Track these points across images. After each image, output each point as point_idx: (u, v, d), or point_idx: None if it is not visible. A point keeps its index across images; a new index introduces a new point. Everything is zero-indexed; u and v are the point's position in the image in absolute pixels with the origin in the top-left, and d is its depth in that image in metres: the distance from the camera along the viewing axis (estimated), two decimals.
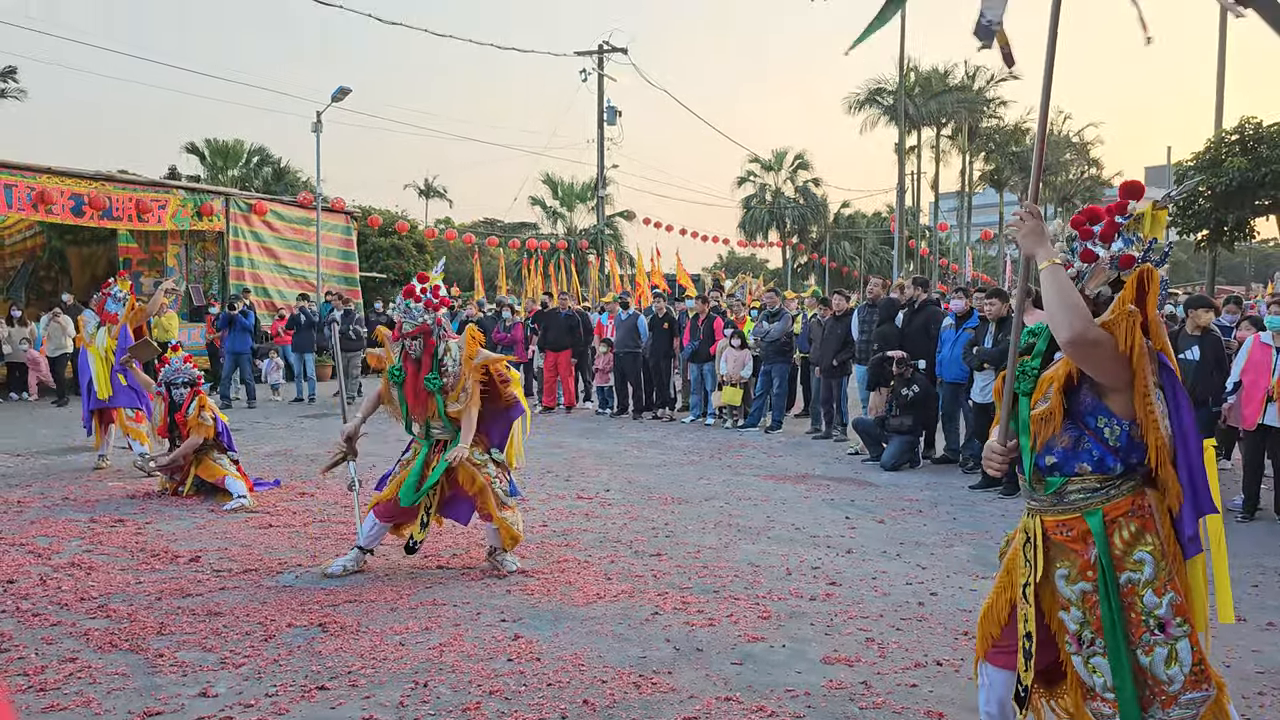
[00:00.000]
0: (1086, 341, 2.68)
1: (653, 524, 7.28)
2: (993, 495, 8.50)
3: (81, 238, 20.05)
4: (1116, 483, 2.77)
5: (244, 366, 15.52)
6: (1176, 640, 2.68)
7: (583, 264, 35.64)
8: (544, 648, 4.58)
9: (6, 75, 38.41)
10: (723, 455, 10.76)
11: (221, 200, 19.53)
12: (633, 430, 12.91)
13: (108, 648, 4.52)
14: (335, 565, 5.82)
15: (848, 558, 6.37)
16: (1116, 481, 2.77)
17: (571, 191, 45.67)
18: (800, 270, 58.35)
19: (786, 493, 8.60)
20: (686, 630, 4.85)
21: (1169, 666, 2.68)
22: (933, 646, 4.67)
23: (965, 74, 47.31)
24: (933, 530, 7.21)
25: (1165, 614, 2.69)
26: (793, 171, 54.51)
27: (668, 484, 8.97)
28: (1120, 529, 2.76)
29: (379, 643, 4.61)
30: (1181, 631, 2.68)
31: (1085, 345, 2.69)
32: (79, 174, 16.84)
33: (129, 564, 6.01)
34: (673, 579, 5.78)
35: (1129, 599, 2.73)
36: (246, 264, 19.77)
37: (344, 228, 22.62)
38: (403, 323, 5.75)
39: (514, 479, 6.08)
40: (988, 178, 55.09)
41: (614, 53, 32.24)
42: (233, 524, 7.15)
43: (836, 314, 11.83)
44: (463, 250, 41.90)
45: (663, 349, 13.99)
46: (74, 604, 5.18)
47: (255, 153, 40.33)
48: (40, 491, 8.27)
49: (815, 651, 4.59)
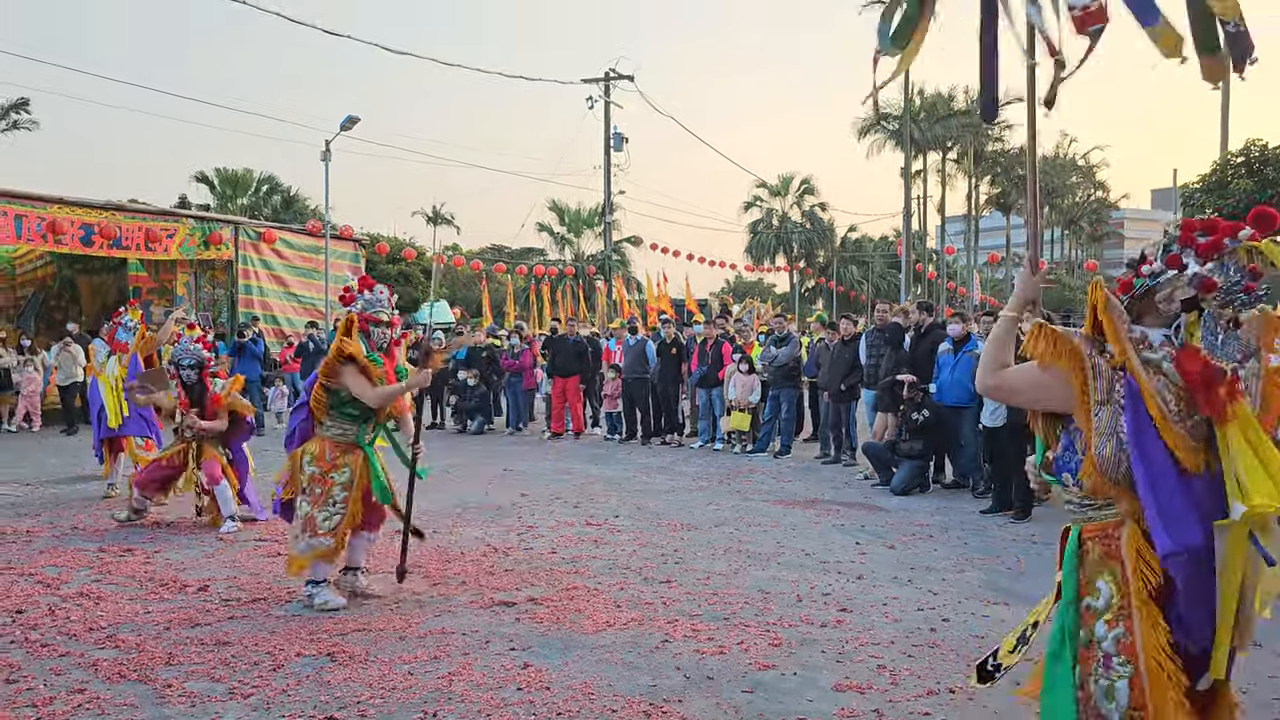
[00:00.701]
0: (989, 389, 2.90)
1: (662, 550, 7.25)
2: (1004, 520, 8.45)
3: (92, 267, 20.15)
4: (1096, 504, 2.74)
5: (253, 393, 15.54)
6: (1115, 680, 2.63)
7: (590, 290, 35.75)
8: (553, 676, 4.55)
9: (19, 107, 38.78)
10: (732, 480, 10.73)
11: (231, 229, 19.62)
12: (641, 456, 12.89)
13: (116, 678, 4.51)
14: (334, 600, 5.71)
15: (858, 583, 6.33)
16: (1096, 503, 2.74)
17: (579, 217, 45.85)
18: (808, 294, 58.40)
19: (796, 518, 8.57)
20: (697, 658, 4.82)
21: (1107, 701, 2.64)
22: (945, 674, 4.63)
23: (969, 98, 47.50)
24: (944, 555, 7.17)
25: (1109, 648, 2.65)
26: (799, 196, 54.68)
27: (677, 510, 8.94)
28: (1090, 551, 2.74)
29: (388, 672, 4.59)
30: (1124, 671, 2.61)
31: (991, 392, 2.91)
32: (89, 204, 16.93)
33: (138, 593, 6.00)
34: (683, 606, 5.75)
35: (1086, 623, 2.71)
36: (255, 292, 19.83)
37: (352, 255, 22.71)
38: (377, 314, 5.82)
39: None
40: (994, 201, 55.25)
41: (620, 80, 32.46)
42: (241, 552, 7.14)
43: (844, 338, 11.82)
44: (470, 276, 42.07)
45: (671, 374, 13.99)
46: (82, 634, 5.17)
47: (264, 181, 40.67)
48: (49, 521, 8.28)
49: (827, 679, 4.55)
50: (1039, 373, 2.75)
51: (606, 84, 32.54)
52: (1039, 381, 2.76)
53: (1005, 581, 6.43)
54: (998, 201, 54.90)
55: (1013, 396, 2.90)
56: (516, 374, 15.83)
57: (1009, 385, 2.83)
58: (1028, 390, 2.79)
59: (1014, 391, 2.84)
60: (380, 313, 5.83)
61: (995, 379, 2.83)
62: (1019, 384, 2.81)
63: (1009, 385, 2.83)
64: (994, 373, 2.84)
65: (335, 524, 5.64)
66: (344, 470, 5.72)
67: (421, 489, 6.24)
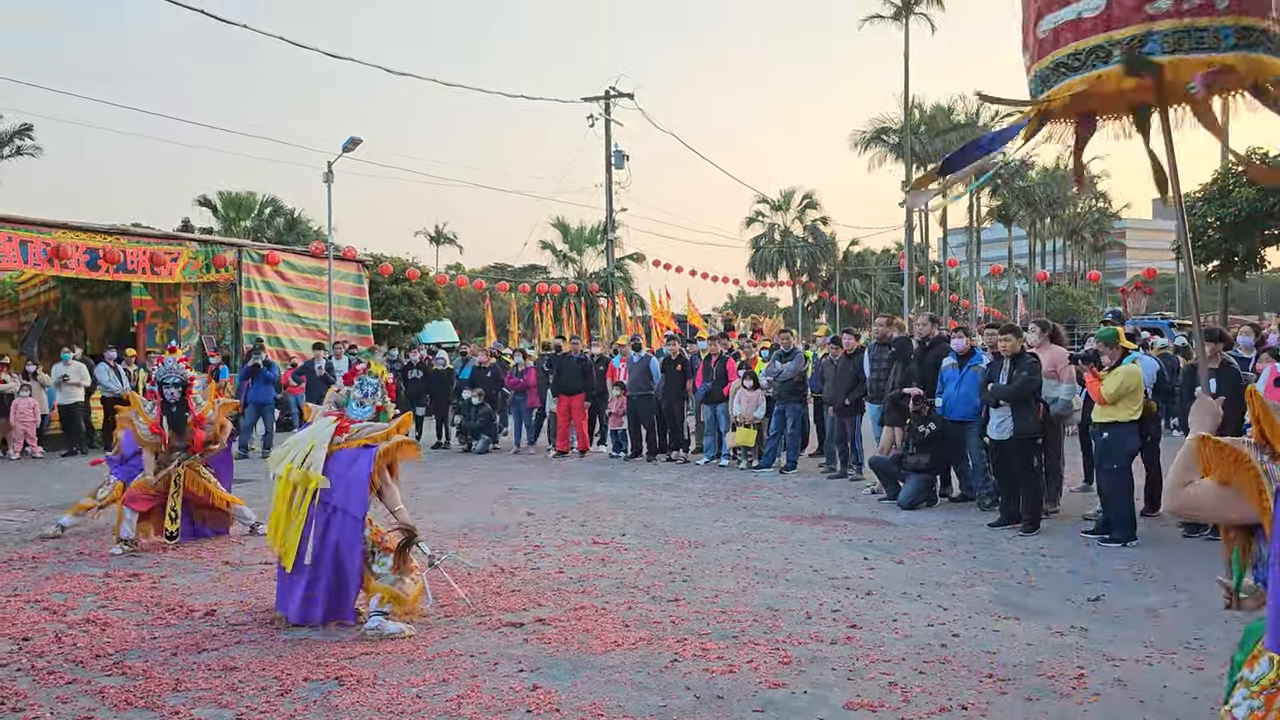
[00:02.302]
0: (1173, 511, 2.85)
1: (669, 568, 7.22)
2: (1013, 533, 8.41)
3: (95, 291, 20.22)
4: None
5: (267, 417, 15.45)
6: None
7: (593, 307, 35.76)
8: (563, 698, 4.52)
9: (22, 133, 39.02)
10: (738, 497, 10.70)
11: (234, 251, 19.68)
12: (647, 473, 12.86)
13: (123, 705, 4.48)
14: (398, 627, 5.62)
15: (868, 599, 6.29)
16: None
17: (581, 235, 45.89)
18: (810, 309, 58.43)
19: (804, 534, 8.53)
20: (706, 678, 4.79)
21: None
22: (957, 690, 4.60)
23: (968, 111, 47.60)
24: (953, 570, 7.13)
25: (1240, 714, 2.58)
26: (801, 211, 54.82)
27: (684, 527, 8.91)
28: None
29: (396, 695, 4.56)
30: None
31: (1177, 512, 2.86)
32: (93, 229, 17.01)
33: (144, 619, 5.98)
34: (691, 625, 5.72)
35: (1234, 693, 2.65)
36: (259, 314, 19.86)
37: (356, 276, 22.76)
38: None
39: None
40: (995, 213, 55.26)
41: (621, 98, 32.57)
42: (248, 576, 7.12)
43: (848, 353, 11.80)
44: (473, 295, 42.12)
45: (675, 391, 13.96)
46: (89, 661, 5.14)
47: (267, 204, 40.77)
48: (55, 546, 8.26)
49: (837, 697, 4.51)
50: (1218, 485, 2.72)
51: (607, 102, 32.65)
52: (1219, 493, 2.71)
53: (1016, 596, 6.39)
54: (999, 213, 54.95)
55: (1199, 514, 2.87)
56: (521, 392, 15.81)
57: (1192, 504, 2.80)
58: (1211, 502, 2.74)
59: (1198, 508, 2.80)
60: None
61: (1180, 499, 2.79)
62: (1201, 500, 2.77)
63: (1192, 504, 2.80)
64: (1174, 496, 2.80)
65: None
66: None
67: (426, 509, 6.24)
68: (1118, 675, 4.79)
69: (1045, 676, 4.79)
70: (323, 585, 5.69)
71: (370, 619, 5.55)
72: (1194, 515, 2.90)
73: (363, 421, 5.94)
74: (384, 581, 5.63)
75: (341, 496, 5.63)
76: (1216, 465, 2.69)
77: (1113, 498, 8.05)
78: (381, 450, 5.74)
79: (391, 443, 5.80)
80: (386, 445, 5.78)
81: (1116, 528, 7.97)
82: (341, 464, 5.71)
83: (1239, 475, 2.64)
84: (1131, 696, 4.51)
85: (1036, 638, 5.43)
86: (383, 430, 5.87)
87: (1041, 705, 4.41)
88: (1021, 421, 8.51)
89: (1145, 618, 5.84)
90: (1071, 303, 52.86)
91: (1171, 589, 6.42)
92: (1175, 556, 7.50)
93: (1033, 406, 8.57)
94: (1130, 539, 7.88)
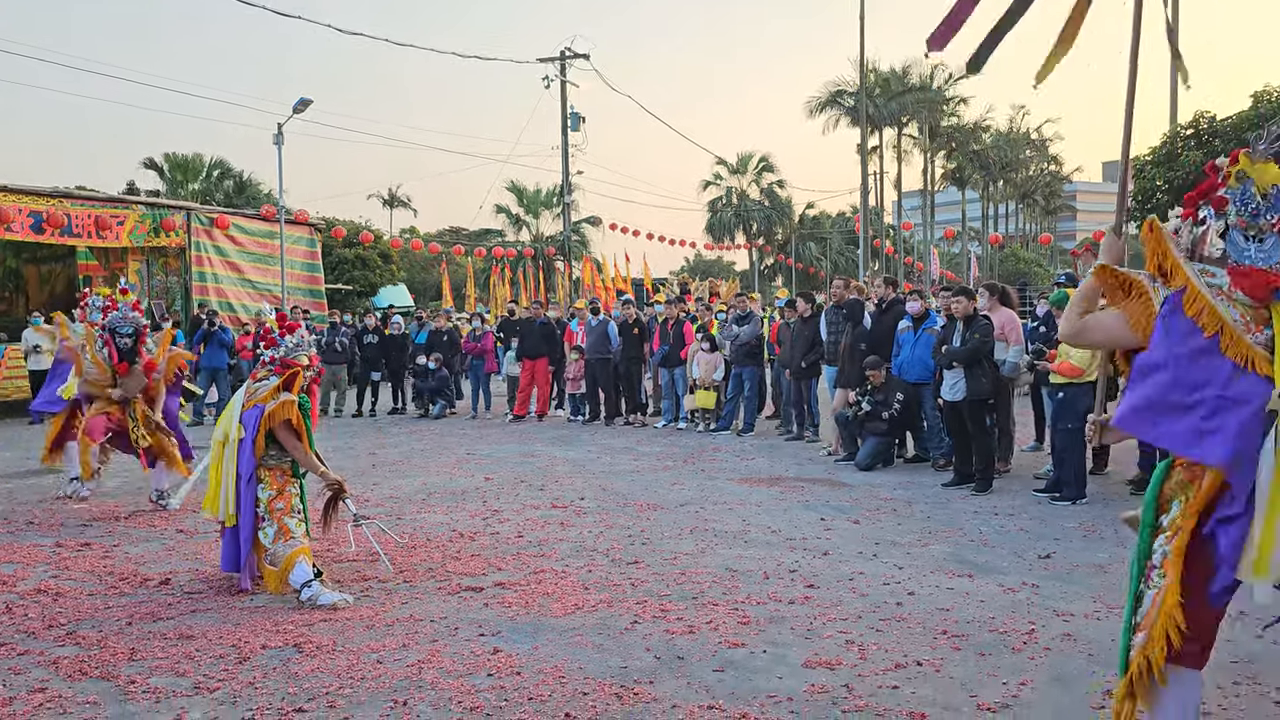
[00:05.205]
0: (1070, 336, 3.17)
1: (628, 531, 7.26)
2: (966, 492, 8.55)
3: (39, 255, 19.73)
4: None
5: (220, 383, 15.22)
6: (1149, 588, 2.92)
7: (550, 271, 35.59)
8: (524, 661, 4.54)
9: None
10: (696, 460, 10.76)
11: (183, 215, 19.28)
12: (605, 437, 12.88)
13: (78, 676, 4.43)
14: (334, 595, 5.54)
15: (825, 559, 6.38)
16: None
17: (537, 198, 45.61)
18: (767, 272, 58.59)
19: (761, 496, 8.61)
20: (666, 639, 4.83)
21: (1145, 606, 2.93)
22: (912, 647, 4.68)
23: (923, 74, 47.76)
24: (908, 529, 7.24)
25: (1157, 560, 2.92)
26: (758, 174, 54.82)
27: (642, 490, 8.95)
28: (1174, 476, 2.98)
29: (356, 662, 4.55)
30: (1158, 583, 2.88)
31: (1072, 338, 3.18)
32: (36, 191, 16.56)
33: (97, 589, 5.90)
34: (651, 587, 5.76)
35: (1154, 540, 2.96)
36: (210, 279, 19.51)
37: (308, 240, 22.43)
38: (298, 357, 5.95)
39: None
40: (949, 176, 55.66)
41: (576, 59, 32.19)
42: (203, 544, 7.04)
43: (803, 316, 11.86)
44: (429, 259, 41.72)
45: (633, 354, 13.97)
46: (41, 632, 5.07)
47: (216, 166, 39.97)
48: (3, 515, 8.11)
49: (796, 656, 4.58)
50: (1113, 313, 3.02)
51: (562, 63, 32.24)
52: (1113, 319, 3.01)
53: (969, 554, 6.50)
54: (953, 176, 55.33)
55: (1090, 335, 3.13)
56: (478, 357, 15.74)
57: (1089, 328, 3.08)
58: (1105, 326, 3.04)
59: (1090, 330, 3.08)
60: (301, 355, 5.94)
61: (1077, 326, 3.08)
62: (1096, 325, 3.06)
63: (1089, 328, 3.08)
64: (1076, 322, 3.09)
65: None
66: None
67: (384, 475, 6.22)
68: (1067, 630, 4.91)
69: (998, 632, 4.90)
70: (227, 537, 5.85)
71: (304, 590, 5.50)
72: (1085, 339, 3.18)
73: (262, 380, 5.92)
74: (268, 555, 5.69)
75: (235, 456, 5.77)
76: (1112, 290, 3.00)
77: (1065, 456, 8.20)
78: (267, 411, 5.68)
79: (277, 402, 5.70)
80: (272, 406, 5.70)
81: (1066, 485, 8.13)
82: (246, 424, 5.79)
83: (1131, 301, 2.94)
84: (1080, 650, 4.63)
85: (989, 595, 5.54)
86: (269, 389, 5.80)
87: (994, 660, 4.51)
88: (974, 383, 8.61)
89: (1094, 574, 5.98)
90: (1024, 265, 53.51)
91: (1119, 546, 6.56)
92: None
93: (985, 368, 8.68)
94: (1080, 497, 8.05)
